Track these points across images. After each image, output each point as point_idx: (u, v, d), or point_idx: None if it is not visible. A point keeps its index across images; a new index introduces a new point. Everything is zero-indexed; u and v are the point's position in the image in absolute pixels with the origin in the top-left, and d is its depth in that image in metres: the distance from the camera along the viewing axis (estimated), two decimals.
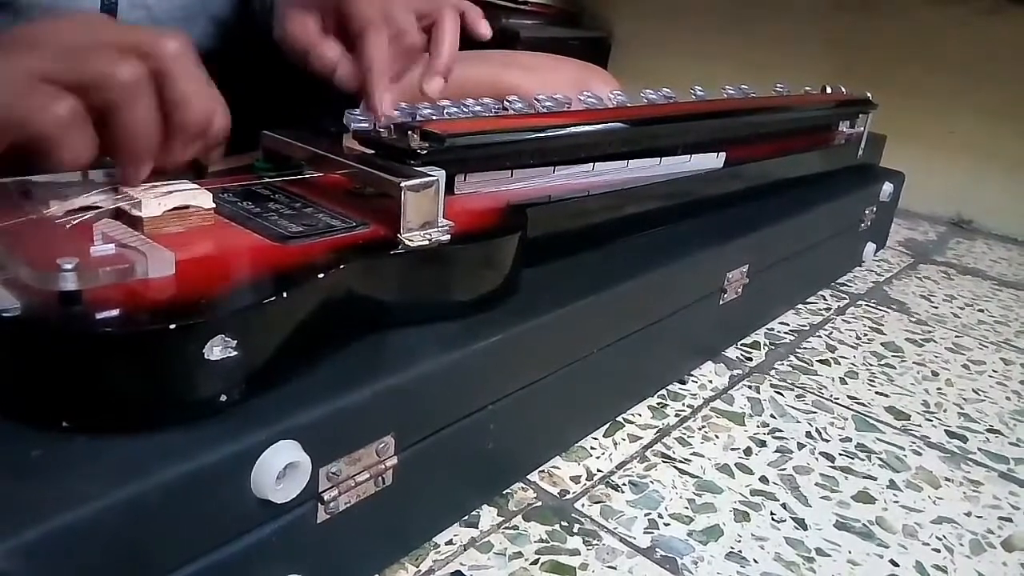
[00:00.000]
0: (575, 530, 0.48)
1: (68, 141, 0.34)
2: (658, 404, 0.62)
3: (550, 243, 0.51)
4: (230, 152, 0.47)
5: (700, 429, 0.60)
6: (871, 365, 0.73)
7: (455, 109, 0.54)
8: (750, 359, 0.72)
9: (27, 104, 0.33)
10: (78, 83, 0.34)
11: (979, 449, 0.61)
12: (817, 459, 0.58)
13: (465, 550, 0.45)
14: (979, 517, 0.53)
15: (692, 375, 0.67)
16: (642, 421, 0.60)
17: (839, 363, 0.73)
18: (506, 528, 0.47)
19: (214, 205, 0.40)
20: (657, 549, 0.47)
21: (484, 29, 0.55)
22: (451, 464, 0.44)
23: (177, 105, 0.36)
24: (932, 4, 1.24)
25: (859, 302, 0.88)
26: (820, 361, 0.73)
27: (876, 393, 0.68)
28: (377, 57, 0.49)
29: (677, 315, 0.60)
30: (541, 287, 0.49)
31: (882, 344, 0.78)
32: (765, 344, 0.75)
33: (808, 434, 0.61)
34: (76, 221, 0.36)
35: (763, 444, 0.59)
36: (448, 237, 0.42)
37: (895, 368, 0.73)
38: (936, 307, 0.90)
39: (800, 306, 0.85)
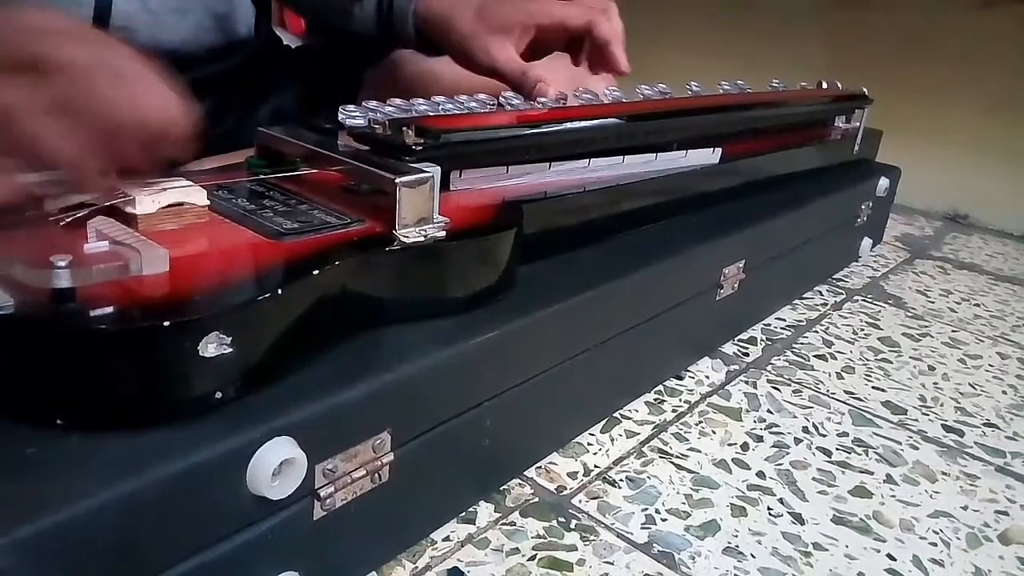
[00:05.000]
0: (572, 526, 0.48)
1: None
2: (655, 400, 0.62)
3: (546, 239, 0.51)
4: (225, 149, 0.47)
5: (697, 425, 0.60)
6: (868, 360, 0.73)
7: (450, 105, 0.54)
8: (747, 355, 0.72)
9: None
10: None
11: (976, 443, 0.61)
12: (814, 454, 0.58)
13: (462, 546, 0.45)
14: (976, 511, 0.53)
15: (689, 371, 0.67)
16: (639, 417, 0.60)
17: (836, 358, 0.73)
18: (503, 524, 0.47)
19: (208, 202, 0.40)
20: (654, 544, 0.47)
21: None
22: (448, 460, 0.44)
23: (90, 117, 0.33)
24: None
25: (855, 297, 0.88)
26: (817, 356, 0.73)
27: (873, 388, 0.68)
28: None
29: (673, 311, 0.60)
30: (537, 283, 0.49)
31: (879, 339, 0.78)
32: (762, 339, 0.75)
33: (805, 429, 0.61)
34: (70, 218, 0.36)
35: (760, 439, 0.59)
36: (443, 233, 0.42)
37: (892, 363, 0.73)
38: (932, 302, 0.90)
39: (796, 301, 0.85)
